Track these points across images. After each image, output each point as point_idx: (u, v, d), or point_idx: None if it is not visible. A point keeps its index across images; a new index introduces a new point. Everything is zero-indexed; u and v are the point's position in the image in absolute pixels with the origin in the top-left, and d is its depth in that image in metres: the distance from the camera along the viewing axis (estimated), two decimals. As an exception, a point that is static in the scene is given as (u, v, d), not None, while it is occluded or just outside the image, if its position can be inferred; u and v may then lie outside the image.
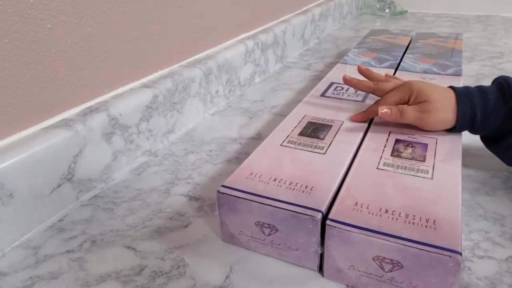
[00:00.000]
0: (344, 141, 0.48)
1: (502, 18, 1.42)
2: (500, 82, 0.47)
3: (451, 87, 0.49)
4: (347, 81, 0.57)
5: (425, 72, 0.71)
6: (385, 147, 0.47)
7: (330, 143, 0.48)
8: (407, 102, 0.50)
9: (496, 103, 0.46)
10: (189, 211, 0.49)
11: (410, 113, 0.48)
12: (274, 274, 0.40)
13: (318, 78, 0.90)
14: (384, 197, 0.38)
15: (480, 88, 0.48)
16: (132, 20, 0.58)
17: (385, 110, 0.48)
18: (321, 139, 0.49)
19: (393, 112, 0.48)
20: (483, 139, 0.51)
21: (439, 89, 0.49)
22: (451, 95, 0.48)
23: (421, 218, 0.36)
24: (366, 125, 0.52)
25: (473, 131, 0.49)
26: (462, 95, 0.47)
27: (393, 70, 0.73)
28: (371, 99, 0.60)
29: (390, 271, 0.35)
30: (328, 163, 0.44)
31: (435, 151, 0.45)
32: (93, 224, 0.48)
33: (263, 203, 0.38)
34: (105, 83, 0.56)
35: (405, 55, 0.81)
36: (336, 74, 0.72)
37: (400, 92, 0.50)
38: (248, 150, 0.62)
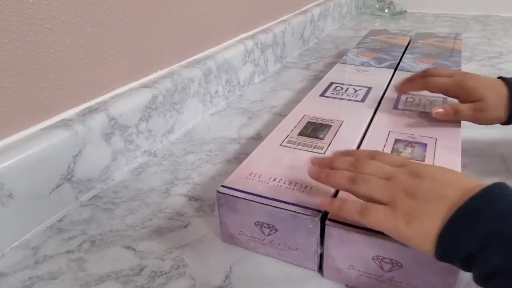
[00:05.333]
0: (343, 141, 0.48)
1: (501, 18, 1.42)
2: None
3: (503, 79, 0.48)
4: (400, 90, 0.57)
5: (424, 72, 0.71)
6: (384, 147, 0.47)
7: (330, 143, 0.48)
8: (458, 97, 0.50)
9: None
10: (189, 211, 0.49)
11: (465, 112, 0.48)
12: (273, 274, 0.40)
13: (317, 78, 0.90)
14: (384, 197, 0.38)
15: None
16: (131, 20, 0.58)
17: (440, 110, 0.49)
18: (321, 139, 0.49)
19: (448, 112, 0.49)
20: None
21: (492, 86, 0.48)
22: (504, 90, 0.47)
23: (420, 218, 0.35)
24: (365, 125, 0.52)
25: None
26: None
27: (392, 70, 0.73)
28: (370, 100, 0.60)
29: (390, 271, 0.35)
30: (328, 163, 0.44)
31: (435, 151, 0.45)
32: (92, 224, 0.48)
33: (263, 203, 0.38)
34: (104, 83, 0.56)
35: (404, 55, 0.81)
36: (335, 74, 0.72)
37: (452, 90, 0.51)
38: (248, 150, 0.62)
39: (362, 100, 0.60)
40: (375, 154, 0.35)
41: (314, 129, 0.51)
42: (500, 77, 0.49)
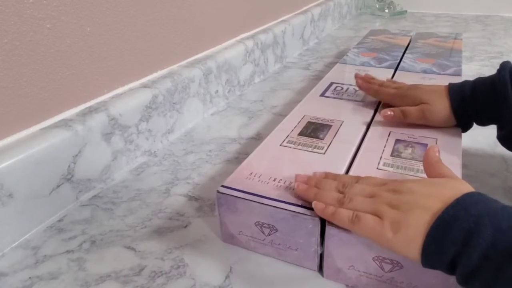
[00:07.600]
0: (343, 141, 0.48)
1: (501, 18, 1.42)
2: (498, 70, 0.47)
3: (449, 84, 0.50)
4: (359, 83, 0.60)
5: (424, 72, 0.71)
6: (385, 147, 0.47)
7: (330, 143, 0.48)
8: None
9: (486, 94, 0.46)
10: (189, 211, 0.49)
11: (413, 113, 0.50)
12: (274, 274, 0.40)
13: (317, 78, 0.90)
14: (384, 197, 0.38)
15: (474, 82, 0.49)
16: (131, 20, 0.58)
17: (389, 112, 0.51)
18: (321, 139, 0.49)
19: (397, 114, 0.51)
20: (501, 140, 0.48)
21: (434, 90, 0.51)
22: (445, 95, 0.49)
23: (420, 218, 0.35)
24: (366, 125, 0.52)
25: (478, 123, 0.49)
26: (454, 93, 0.49)
27: (393, 70, 0.73)
28: (370, 100, 0.60)
29: (390, 271, 0.35)
30: (328, 163, 0.44)
31: (435, 151, 0.45)
32: (92, 224, 0.47)
33: (263, 203, 0.38)
34: (104, 83, 0.56)
35: (405, 55, 0.81)
36: (335, 74, 0.72)
37: (397, 100, 0.54)
38: (248, 150, 0.62)
39: (362, 100, 0.60)
40: (358, 178, 0.38)
41: (314, 129, 0.51)
42: (449, 84, 0.51)
